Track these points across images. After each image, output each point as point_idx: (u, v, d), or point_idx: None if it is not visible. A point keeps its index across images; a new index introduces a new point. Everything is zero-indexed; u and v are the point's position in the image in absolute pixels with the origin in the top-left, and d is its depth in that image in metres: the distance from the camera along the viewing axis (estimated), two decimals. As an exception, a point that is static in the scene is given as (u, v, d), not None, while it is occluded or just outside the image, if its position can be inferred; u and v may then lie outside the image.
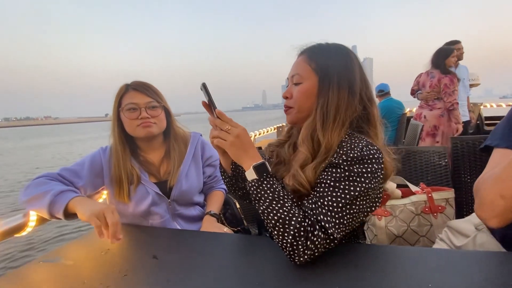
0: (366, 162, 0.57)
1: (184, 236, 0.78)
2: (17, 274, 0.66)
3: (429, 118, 2.52)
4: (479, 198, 0.54)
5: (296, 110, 0.69)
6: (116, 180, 0.96)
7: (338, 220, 0.55)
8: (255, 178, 0.61)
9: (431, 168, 1.10)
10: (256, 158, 0.63)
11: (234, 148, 0.63)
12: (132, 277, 0.59)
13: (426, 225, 0.94)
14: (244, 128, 0.64)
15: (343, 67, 0.66)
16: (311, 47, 0.71)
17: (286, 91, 0.73)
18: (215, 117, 0.64)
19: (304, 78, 0.68)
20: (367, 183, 0.57)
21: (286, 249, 0.55)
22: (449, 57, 2.46)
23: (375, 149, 0.59)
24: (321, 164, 0.62)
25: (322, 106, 0.65)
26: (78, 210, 0.75)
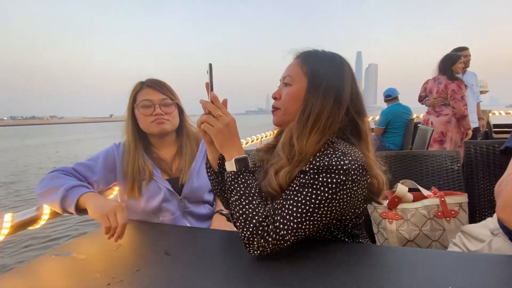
0: (333, 172, 0.56)
1: (195, 233, 0.78)
2: (30, 268, 0.66)
3: (436, 124, 2.50)
4: (503, 200, 0.53)
5: (282, 112, 0.69)
6: (128, 175, 0.96)
7: (296, 225, 0.56)
8: (233, 171, 0.63)
9: (443, 172, 1.08)
10: (239, 151, 0.65)
11: (221, 136, 0.64)
12: (145, 272, 0.59)
13: (439, 230, 0.92)
14: (234, 118, 0.65)
15: (333, 76, 0.65)
16: (307, 52, 0.71)
17: (275, 92, 0.73)
18: (209, 100, 0.65)
19: (295, 81, 0.68)
20: (331, 193, 0.56)
21: (243, 240, 0.59)
22: (456, 63, 2.45)
23: (349, 160, 0.57)
24: (295, 169, 0.62)
25: (304, 111, 0.64)
26: (89, 206, 0.76)
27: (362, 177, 0.59)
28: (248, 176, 0.63)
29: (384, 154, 1.21)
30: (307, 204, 0.56)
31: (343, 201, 0.58)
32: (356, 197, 0.60)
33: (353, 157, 0.58)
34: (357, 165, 0.58)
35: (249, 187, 0.62)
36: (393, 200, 0.99)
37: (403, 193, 0.99)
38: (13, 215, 0.77)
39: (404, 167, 1.18)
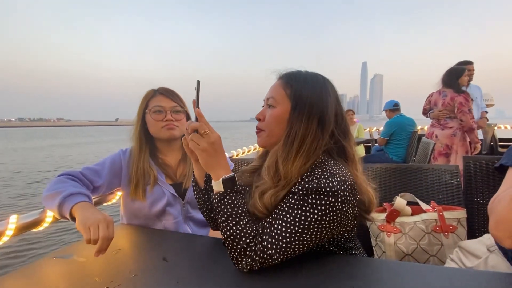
0: (321, 194, 0.56)
1: (193, 240, 0.79)
2: (31, 269, 0.68)
3: (441, 137, 2.49)
4: (495, 217, 0.54)
5: (266, 134, 0.69)
6: (133, 178, 0.99)
7: (285, 245, 0.57)
8: (220, 191, 0.63)
9: (442, 186, 1.08)
10: (226, 170, 0.64)
11: (206, 155, 0.63)
12: (142, 278, 0.60)
13: (437, 245, 0.92)
14: (219, 135, 0.65)
15: (316, 98, 0.65)
16: (290, 73, 0.71)
17: (259, 113, 0.72)
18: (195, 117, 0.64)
19: (278, 103, 0.68)
20: (320, 215, 0.56)
21: (232, 259, 0.60)
22: (462, 76, 2.46)
23: (337, 181, 0.57)
24: (280, 192, 0.62)
25: (289, 134, 0.64)
26: (77, 216, 0.75)
27: (352, 197, 0.59)
28: (235, 196, 0.63)
29: (384, 167, 1.22)
30: (296, 225, 0.57)
31: (333, 222, 0.58)
32: (346, 216, 0.60)
33: (342, 178, 0.58)
34: (345, 186, 0.58)
35: (236, 207, 0.61)
36: (391, 213, 0.99)
37: (402, 206, 0.99)
38: (18, 217, 0.80)
39: (403, 180, 1.18)
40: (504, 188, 0.58)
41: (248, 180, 0.74)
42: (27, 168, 9.84)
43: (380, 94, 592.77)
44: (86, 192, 0.86)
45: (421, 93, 3.03)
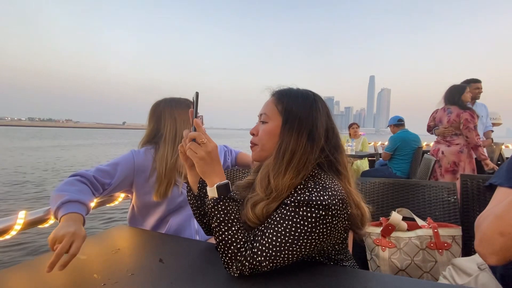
0: (312, 206, 0.58)
1: (189, 244, 0.82)
2: (35, 263, 0.72)
3: (447, 154, 2.47)
4: (479, 234, 0.56)
5: (259, 148, 0.72)
6: (163, 176, 1.09)
7: (274, 253, 0.58)
8: (214, 197, 0.65)
9: (439, 203, 1.09)
10: (221, 177, 0.67)
11: (203, 163, 0.66)
12: (138, 277, 0.63)
13: (431, 261, 0.92)
14: (216, 144, 0.68)
15: (306, 113, 0.68)
16: (281, 90, 0.75)
17: (253, 128, 0.76)
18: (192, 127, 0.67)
19: (270, 118, 0.71)
20: (310, 227, 0.58)
21: (223, 264, 0.62)
22: (464, 93, 2.47)
23: (329, 195, 0.59)
24: (272, 204, 0.64)
25: (280, 148, 0.67)
26: (59, 225, 0.76)
27: (342, 211, 0.61)
28: (228, 202, 0.65)
29: (382, 181, 1.23)
30: (286, 235, 0.58)
31: (322, 235, 0.60)
32: (336, 230, 0.61)
33: (333, 192, 0.60)
34: (337, 200, 0.60)
35: (229, 213, 0.64)
36: (386, 228, 1.00)
37: (397, 221, 1.00)
38: (26, 213, 0.84)
39: (401, 195, 1.19)
40: (491, 206, 0.60)
41: (243, 194, 0.76)
42: (8, 168, 9.30)
43: (387, 108, 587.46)
44: (86, 201, 0.87)
45: (428, 109, 3.04)
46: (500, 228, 0.52)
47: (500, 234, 0.51)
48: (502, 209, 0.54)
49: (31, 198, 5.70)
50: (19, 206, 4.95)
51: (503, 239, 0.51)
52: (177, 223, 1.14)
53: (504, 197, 0.59)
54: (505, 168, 0.65)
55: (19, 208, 0.88)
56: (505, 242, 0.51)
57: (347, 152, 3.96)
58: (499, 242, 0.52)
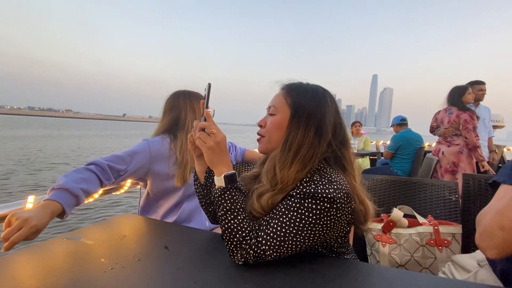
0: (318, 199, 0.59)
1: (193, 233, 0.83)
2: (42, 247, 0.73)
3: (447, 154, 2.49)
4: (480, 229, 0.57)
5: (266, 140, 0.73)
6: (185, 162, 1.14)
7: (278, 243, 0.60)
8: (221, 186, 0.67)
9: (441, 202, 1.10)
10: (228, 167, 0.69)
11: (211, 152, 0.67)
12: (144, 262, 0.64)
13: (430, 258, 0.94)
14: (225, 136, 0.70)
15: (315, 108, 0.69)
16: (291, 84, 0.75)
17: (261, 120, 0.76)
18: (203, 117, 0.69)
19: (279, 111, 0.72)
20: (315, 219, 0.59)
21: (228, 251, 0.64)
22: (465, 94, 2.48)
23: (334, 188, 0.60)
24: (277, 196, 0.65)
25: (287, 140, 0.68)
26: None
27: (347, 204, 0.62)
28: (235, 192, 0.66)
29: (385, 179, 1.24)
30: (291, 226, 0.60)
31: (326, 227, 0.61)
32: (339, 222, 0.63)
33: (338, 185, 0.61)
34: (342, 194, 0.61)
35: (235, 202, 0.65)
36: (387, 224, 1.02)
37: (398, 218, 1.01)
38: (36, 197, 0.85)
39: (403, 193, 1.21)
40: (493, 203, 0.61)
41: (248, 186, 0.77)
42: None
43: (389, 108, 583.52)
44: (77, 191, 0.85)
45: (431, 110, 3.04)
46: (501, 222, 0.53)
47: (501, 228, 0.53)
48: (503, 204, 0.55)
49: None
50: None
51: (503, 233, 0.52)
52: (189, 209, 1.19)
53: (505, 194, 0.60)
54: (510, 167, 0.66)
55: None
56: (505, 236, 0.52)
57: (349, 150, 3.97)
58: (499, 236, 0.53)
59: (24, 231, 0.69)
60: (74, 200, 0.85)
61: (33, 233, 0.70)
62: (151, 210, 1.21)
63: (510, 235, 0.51)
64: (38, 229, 0.71)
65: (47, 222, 0.75)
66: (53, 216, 0.78)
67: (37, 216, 0.72)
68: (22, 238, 0.68)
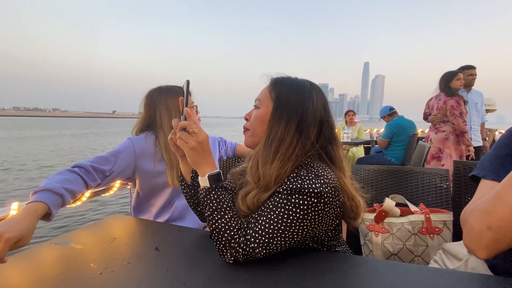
0: (305, 194, 0.58)
1: (184, 232, 0.83)
2: (31, 253, 0.72)
3: (434, 141, 2.53)
4: (467, 229, 0.54)
5: (250, 133, 0.72)
6: (175, 164, 1.12)
7: (267, 240, 0.59)
8: (206, 186, 0.65)
9: (432, 189, 1.11)
10: (212, 166, 0.67)
11: (193, 152, 0.65)
12: (134, 265, 0.64)
13: (422, 246, 0.95)
14: (207, 134, 0.67)
15: (298, 104, 0.66)
16: (277, 78, 0.73)
17: (247, 113, 0.75)
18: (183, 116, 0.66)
19: (262, 104, 0.71)
20: (302, 214, 0.58)
21: (218, 250, 0.63)
22: (453, 80, 2.48)
23: (321, 183, 0.59)
24: (262, 194, 0.64)
25: (268, 135, 0.66)
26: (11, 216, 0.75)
27: (335, 198, 0.61)
28: (220, 191, 0.65)
29: (377, 168, 1.24)
30: (279, 222, 0.59)
31: (314, 222, 0.60)
32: (328, 217, 0.62)
33: (325, 180, 0.60)
34: (329, 188, 0.60)
35: (222, 202, 0.64)
36: (380, 214, 1.02)
37: (390, 208, 1.02)
38: (19, 204, 0.83)
39: (395, 182, 1.21)
40: (476, 199, 0.59)
41: (238, 182, 0.76)
42: None
43: (381, 95, 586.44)
44: (60, 190, 0.82)
45: (423, 96, 3.06)
46: (488, 222, 0.50)
47: (488, 228, 0.50)
48: (488, 203, 0.52)
49: None
50: None
51: (491, 233, 0.50)
52: (182, 206, 1.17)
53: (488, 190, 0.57)
54: (487, 159, 0.64)
55: None
56: (494, 236, 0.49)
57: (343, 140, 3.97)
58: (487, 236, 0.50)
59: (2, 247, 0.63)
60: (59, 200, 0.81)
61: (15, 243, 0.66)
62: (143, 210, 1.19)
63: (498, 234, 0.49)
64: (22, 237, 0.67)
65: (32, 226, 0.71)
66: (38, 218, 0.74)
67: (14, 226, 0.67)
68: (2, 255, 0.63)
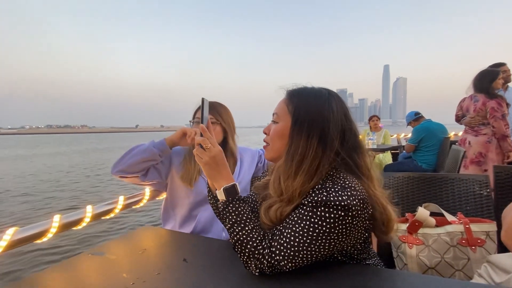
0: (331, 207, 0.56)
1: (211, 243, 0.84)
2: (70, 263, 0.76)
3: (474, 144, 2.33)
4: (505, 226, 0.53)
5: (270, 148, 0.71)
6: (186, 165, 1.20)
7: (293, 253, 0.57)
8: (223, 200, 0.66)
9: (471, 197, 1.03)
10: (228, 180, 0.68)
11: (208, 167, 0.68)
12: (165, 276, 0.65)
13: (463, 259, 0.87)
14: (221, 149, 0.69)
15: (317, 114, 0.64)
16: (294, 90, 0.71)
17: (266, 127, 0.75)
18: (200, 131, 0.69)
19: (280, 118, 0.69)
20: (328, 227, 0.56)
21: (242, 262, 0.63)
22: (496, 79, 2.29)
23: (348, 195, 0.56)
24: (286, 207, 0.62)
25: (289, 150, 0.64)
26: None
27: (363, 211, 0.58)
28: (238, 203, 0.65)
29: (407, 176, 1.19)
30: (304, 235, 0.57)
31: (341, 235, 0.57)
32: (356, 230, 0.59)
33: (352, 192, 0.57)
34: (357, 200, 0.56)
35: (241, 214, 0.64)
36: (413, 224, 0.96)
37: (424, 217, 0.96)
38: (61, 217, 0.90)
39: (428, 190, 1.14)
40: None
41: (261, 195, 0.76)
42: None
43: (404, 97, 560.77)
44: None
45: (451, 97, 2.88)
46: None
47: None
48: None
49: None
50: None
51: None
52: (205, 219, 1.19)
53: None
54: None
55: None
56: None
57: (368, 146, 3.83)
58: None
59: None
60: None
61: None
62: (170, 219, 1.25)
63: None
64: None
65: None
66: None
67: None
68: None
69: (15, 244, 0.80)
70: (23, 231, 0.83)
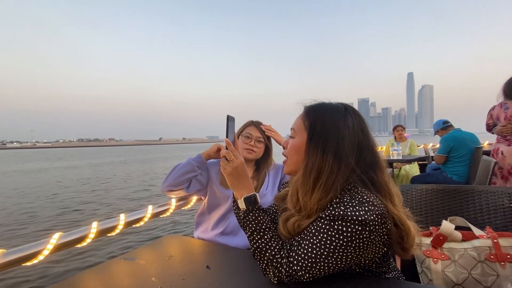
0: (348, 221, 0.56)
1: (232, 251, 0.88)
2: (104, 267, 0.84)
3: (508, 154, 2.17)
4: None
5: (288, 162, 0.74)
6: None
7: (310, 264, 0.59)
8: (243, 209, 0.70)
9: (500, 211, 0.98)
10: (248, 189, 0.72)
11: (231, 177, 0.73)
12: (189, 282, 0.70)
13: (492, 275, 0.83)
14: (243, 161, 0.74)
15: (332, 131, 0.64)
16: (310, 106, 0.73)
17: (285, 141, 0.78)
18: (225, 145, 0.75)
19: (297, 134, 0.71)
20: (346, 241, 0.56)
21: (261, 269, 0.66)
22: None
23: (365, 210, 0.56)
24: (304, 221, 0.63)
25: (306, 166, 0.65)
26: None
27: (381, 225, 0.58)
28: (258, 213, 0.69)
29: (430, 188, 1.16)
30: (321, 248, 0.58)
31: (359, 249, 0.57)
32: (374, 245, 0.59)
33: (370, 207, 0.57)
34: (375, 215, 0.56)
35: (260, 223, 0.68)
36: (437, 238, 0.94)
37: (449, 231, 0.93)
38: (126, 215, 1.07)
39: (454, 203, 1.11)
40: None
41: (281, 206, 0.78)
42: None
43: (431, 106, 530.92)
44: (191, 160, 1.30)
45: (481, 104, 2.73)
46: None
47: None
48: None
49: None
50: None
51: None
52: (235, 221, 1.27)
53: None
54: None
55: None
56: None
57: (393, 157, 3.70)
58: None
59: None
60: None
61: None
62: (203, 222, 1.36)
63: None
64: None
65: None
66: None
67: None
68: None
69: (60, 247, 0.89)
70: (67, 236, 0.92)
